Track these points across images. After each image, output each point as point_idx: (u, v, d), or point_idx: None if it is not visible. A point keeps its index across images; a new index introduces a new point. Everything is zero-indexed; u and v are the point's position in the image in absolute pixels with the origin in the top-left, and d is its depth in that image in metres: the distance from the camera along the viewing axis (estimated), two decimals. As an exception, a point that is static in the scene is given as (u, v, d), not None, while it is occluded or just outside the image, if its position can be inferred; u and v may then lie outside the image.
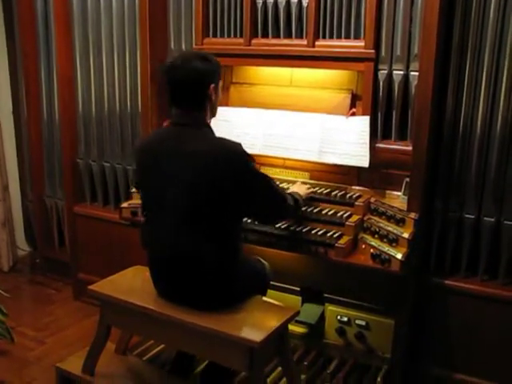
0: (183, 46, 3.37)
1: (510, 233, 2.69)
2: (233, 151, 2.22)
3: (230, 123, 3.09)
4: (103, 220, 3.86)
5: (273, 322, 2.25)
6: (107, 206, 3.96)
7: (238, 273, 2.36)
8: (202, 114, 2.32)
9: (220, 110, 2.42)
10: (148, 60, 3.34)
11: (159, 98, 3.39)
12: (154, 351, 3.01)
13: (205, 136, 2.28)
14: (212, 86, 2.28)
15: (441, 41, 2.59)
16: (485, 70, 2.64)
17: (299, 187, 2.82)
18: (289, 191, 2.69)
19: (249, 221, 2.73)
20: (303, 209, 2.75)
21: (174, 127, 2.35)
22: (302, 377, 2.79)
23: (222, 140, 2.28)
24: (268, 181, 2.37)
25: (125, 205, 3.12)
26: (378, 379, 2.82)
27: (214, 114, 2.41)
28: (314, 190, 2.90)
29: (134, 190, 3.18)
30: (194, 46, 3.25)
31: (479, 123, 2.69)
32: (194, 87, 2.26)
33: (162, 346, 3.04)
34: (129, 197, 3.30)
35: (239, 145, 2.25)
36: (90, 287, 2.53)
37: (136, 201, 3.07)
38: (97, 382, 2.55)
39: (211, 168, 2.17)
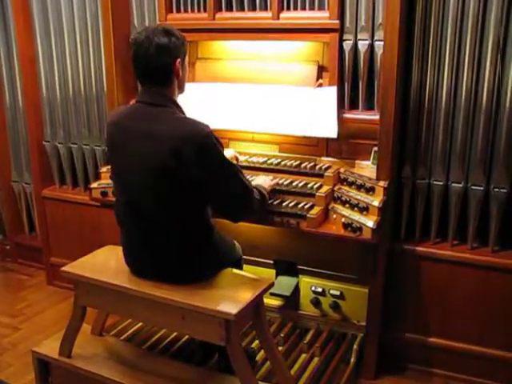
0: (147, 23, 3.30)
1: (476, 198, 2.74)
2: (198, 133, 2.12)
3: (197, 99, 3.06)
4: (73, 202, 3.83)
5: (248, 294, 2.26)
6: (76, 187, 3.92)
7: (208, 245, 2.35)
8: (169, 90, 2.25)
9: (186, 85, 2.39)
10: (111, 38, 3.26)
11: (125, 76, 3.33)
12: (131, 331, 3.01)
13: (171, 116, 2.20)
14: (178, 60, 2.22)
15: (405, 9, 2.59)
16: (448, 38, 2.66)
17: (263, 179, 2.72)
18: (253, 183, 2.51)
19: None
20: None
21: (140, 105, 2.27)
22: (280, 349, 2.81)
23: (189, 121, 2.19)
24: (235, 169, 2.25)
25: (94, 185, 3.09)
26: (355, 346, 2.87)
27: (182, 90, 2.35)
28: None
29: (104, 169, 3.14)
30: (157, 21, 3.19)
31: (445, 91, 2.72)
32: (158, 63, 2.19)
33: (139, 325, 3.04)
34: (98, 177, 3.26)
35: (206, 127, 2.16)
36: (63, 269, 2.51)
37: (105, 181, 3.03)
38: (74, 363, 2.54)
39: (177, 151, 2.09)
